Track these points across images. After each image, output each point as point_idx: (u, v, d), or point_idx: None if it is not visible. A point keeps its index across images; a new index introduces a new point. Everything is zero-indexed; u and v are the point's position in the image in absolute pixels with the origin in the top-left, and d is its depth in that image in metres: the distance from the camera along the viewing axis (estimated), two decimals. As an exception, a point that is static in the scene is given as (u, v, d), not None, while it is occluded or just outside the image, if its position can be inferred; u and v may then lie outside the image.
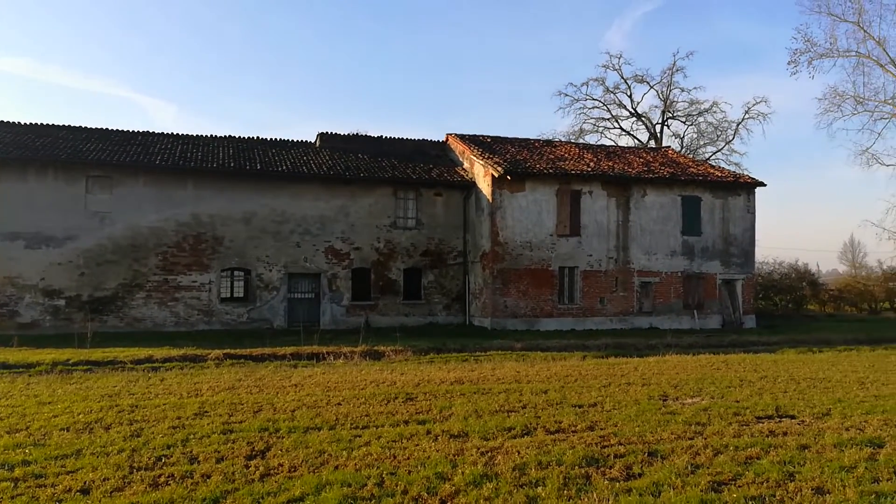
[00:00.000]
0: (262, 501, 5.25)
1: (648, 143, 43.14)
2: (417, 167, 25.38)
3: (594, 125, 44.26)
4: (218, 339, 18.58)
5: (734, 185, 26.04)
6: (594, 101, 44.20)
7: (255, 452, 6.67)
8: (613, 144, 38.98)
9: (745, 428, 7.84)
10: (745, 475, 5.91)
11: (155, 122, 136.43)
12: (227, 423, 7.96)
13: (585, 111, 44.16)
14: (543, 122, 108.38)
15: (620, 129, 44.79)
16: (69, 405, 9.00)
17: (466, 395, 9.99)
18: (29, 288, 20.34)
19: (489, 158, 23.86)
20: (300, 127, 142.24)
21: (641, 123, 44.69)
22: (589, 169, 24.59)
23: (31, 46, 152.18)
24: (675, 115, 44.00)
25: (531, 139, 29.30)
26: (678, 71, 43.69)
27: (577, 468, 6.08)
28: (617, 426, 7.84)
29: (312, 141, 27.26)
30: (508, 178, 22.75)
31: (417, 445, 6.92)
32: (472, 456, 6.47)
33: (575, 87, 55.60)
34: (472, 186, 24.62)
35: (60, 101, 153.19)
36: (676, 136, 44.21)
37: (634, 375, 12.28)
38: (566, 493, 5.43)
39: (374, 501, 5.26)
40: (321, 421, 8.07)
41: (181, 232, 21.79)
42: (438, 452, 6.61)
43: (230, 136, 26.23)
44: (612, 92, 43.79)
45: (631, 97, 44.44)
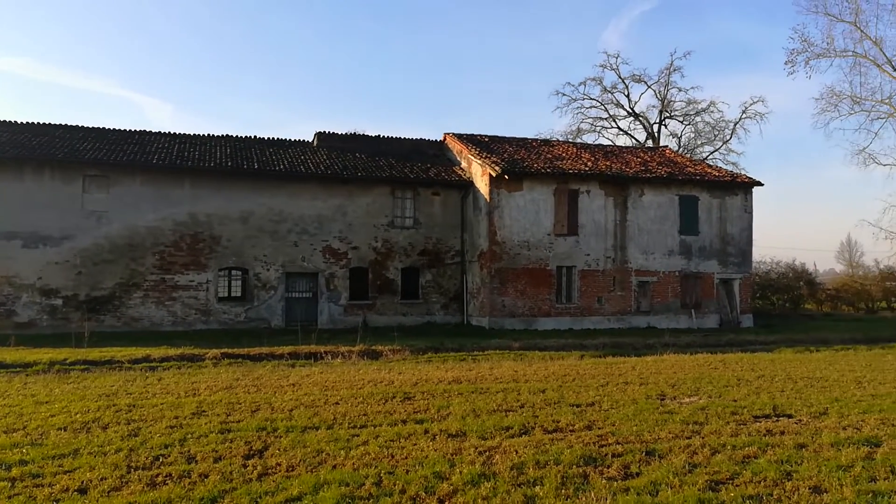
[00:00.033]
0: (259, 501, 5.25)
1: (646, 142, 43.18)
2: (415, 166, 25.38)
3: (592, 125, 44.37)
4: (215, 338, 18.56)
5: (731, 184, 26.09)
6: (592, 100, 44.30)
7: (252, 452, 6.67)
8: (611, 144, 39.01)
9: (742, 427, 7.86)
10: (742, 474, 5.93)
11: (152, 121, 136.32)
12: (224, 422, 7.96)
13: (583, 111, 44.26)
14: (541, 121, 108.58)
15: (618, 128, 44.91)
16: (66, 405, 8.99)
17: (464, 394, 10.00)
18: (26, 287, 20.30)
19: (487, 158, 23.86)
20: (300, 127, 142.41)
21: (639, 123, 44.78)
22: (587, 168, 24.61)
23: (28, 45, 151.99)
24: (672, 114, 44.08)
25: (529, 139, 29.33)
26: (675, 71, 43.79)
27: (574, 467, 6.09)
28: (615, 425, 7.85)
29: (310, 140, 27.25)
30: (506, 177, 22.76)
31: (415, 445, 6.92)
32: (469, 455, 6.48)
33: (572, 86, 55.87)
34: (469, 186, 24.63)
35: (57, 100, 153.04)
36: (674, 135, 44.30)
37: (632, 375, 12.30)
38: (564, 492, 5.44)
39: (371, 501, 5.26)
40: (319, 420, 8.07)
41: (178, 231, 21.76)
42: (436, 452, 6.61)
43: (227, 135, 26.21)
44: (609, 91, 43.89)
45: (628, 97, 44.66)
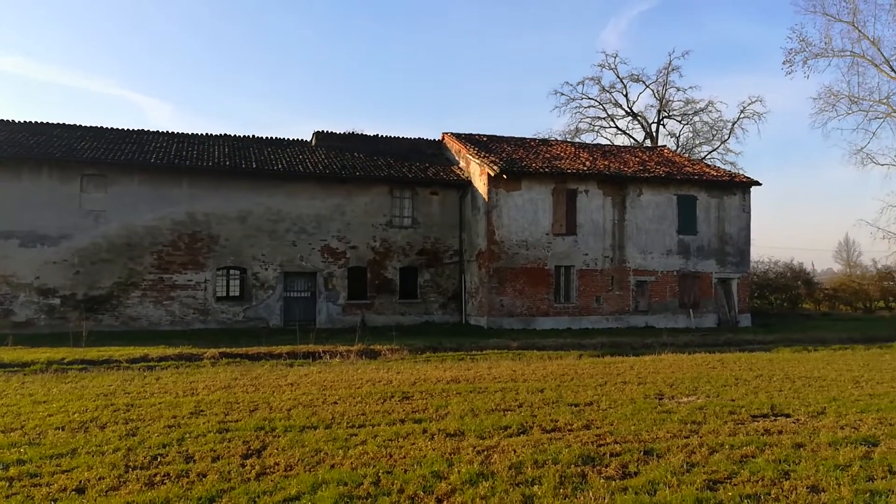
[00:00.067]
0: (257, 500, 5.25)
1: (644, 142, 43.21)
2: (413, 166, 25.37)
3: (590, 124, 44.40)
4: (214, 337, 18.55)
5: (729, 184, 26.11)
6: (590, 100, 44.35)
7: (251, 451, 6.67)
8: (609, 143, 39.04)
9: (740, 426, 7.87)
10: (740, 474, 5.94)
11: (151, 121, 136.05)
12: (222, 422, 7.95)
13: (581, 110, 44.29)
14: (539, 121, 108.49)
15: (616, 128, 44.92)
16: (64, 404, 8.98)
17: (463, 393, 10.00)
18: (24, 287, 20.26)
19: (485, 157, 23.86)
20: (299, 126, 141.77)
21: (637, 123, 44.83)
22: (585, 168, 24.62)
23: (25, 44, 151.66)
24: (670, 114, 44.12)
25: (527, 138, 29.33)
26: (674, 70, 43.87)
27: (573, 467, 6.09)
28: (613, 425, 7.86)
29: (308, 140, 27.23)
30: (504, 176, 22.76)
31: (414, 444, 6.92)
32: (468, 455, 6.48)
33: (571, 86, 55.84)
34: (468, 185, 24.63)
35: (55, 99, 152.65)
36: (672, 135, 44.36)
37: (630, 374, 12.31)
38: (562, 491, 5.44)
39: (370, 500, 5.26)
40: (317, 420, 8.07)
41: (176, 230, 21.73)
42: (435, 451, 6.61)
43: (225, 134, 26.21)
44: (607, 91, 43.93)
45: (627, 96, 44.78)
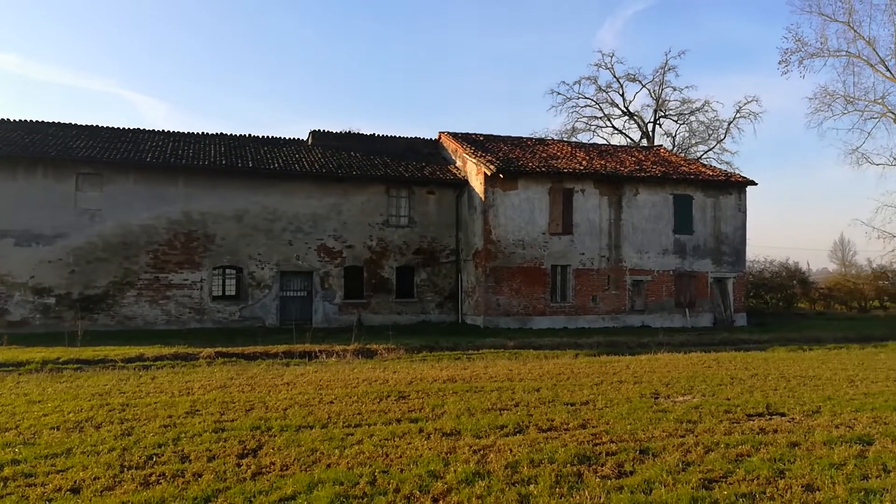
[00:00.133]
0: (253, 500, 5.24)
1: (640, 141, 43.28)
2: (410, 165, 25.36)
3: (586, 124, 44.46)
4: (210, 337, 18.51)
5: (725, 183, 26.17)
6: (587, 99, 44.40)
7: (246, 451, 6.65)
8: (606, 143, 39.08)
9: (735, 426, 7.88)
10: (735, 472, 5.95)
11: (146, 120, 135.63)
12: (218, 421, 7.93)
13: (578, 110, 44.34)
14: (536, 120, 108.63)
15: (613, 127, 44.98)
16: (59, 404, 8.95)
17: (459, 393, 10.00)
18: (18, 286, 20.19)
19: (482, 157, 23.86)
20: (299, 126, 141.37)
21: (633, 122, 44.89)
22: (581, 167, 24.65)
23: (20, 42, 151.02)
24: (666, 113, 44.19)
25: (524, 137, 29.35)
26: (670, 70, 44.05)
27: (569, 466, 6.10)
28: (609, 424, 7.87)
29: (305, 139, 27.19)
30: (501, 176, 22.77)
31: (410, 444, 6.92)
32: (464, 454, 6.48)
33: (567, 85, 56.03)
34: (464, 185, 24.63)
35: (54, 99, 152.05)
36: (668, 134, 44.46)
37: (626, 374, 12.33)
38: (558, 490, 5.45)
39: (366, 500, 5.25)
40: (313, 419, 8.06)
41: (172, 230, 21.69)
42: (431, 451, 6.61)
43: (222, 133, 26.16)
44: (604, 91, 44.01)
45: (623, 96, 44.63)
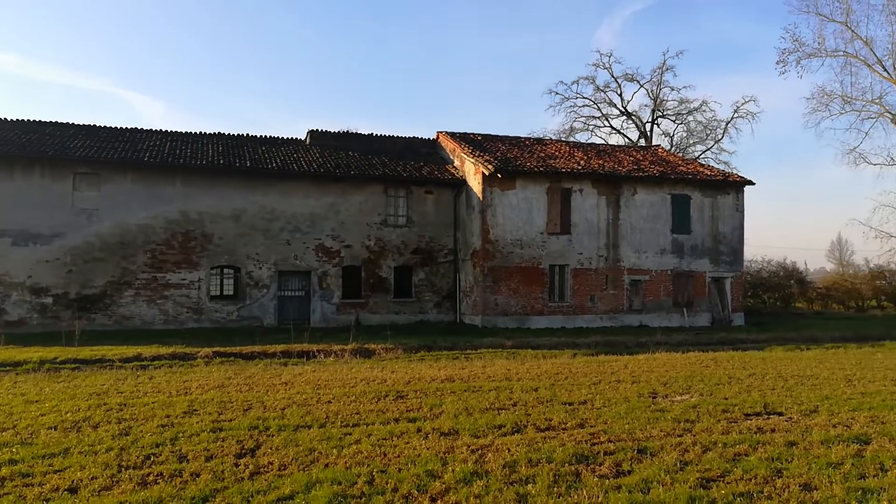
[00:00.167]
0: (251, 500, 5.24)
1: (638, 141, 43.31)
2: (408, 165, 25.35)
3: (584, 123, 44.47)
4: (207, 337, 18.49)
5: (723, 183, 26.20)
6: (585, 99, 44.39)
7: (244, 451, 6.65)
8: (604, 143, 39.11)
9: (733, 425, 7.89)
10: (733, 472, 5.96)
11: (143, 119, 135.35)
12: (216, 421, 7.93)
13: (576, 109, 44.34)
14: (534, 120, 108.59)
15: (611, 127, 44.99)
16: (57, 404, 8.94)
17: (457, 392, 10.00)
18: (16, 286, 20.15)
19: (480, 156, 23.86)
20: (298, 126, 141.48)
21: (631, 122, 44.91)
22: (579, 167, 24.66)
23: (19, 42, 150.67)
24: (664, 113, 44.21)
25: (522, 137, 29.35)
26: (668, 70, 43.99)
27: (567, 465, 6.10)
28: (607, 423, 7.87)
29: (303, 138, 27.17)
30: (499, 175, 22.77)
31: (408, 443, 6.92)
32: (462, 454, 6.48)
33: (565, 85, 56.04)
34: (462, 184, 24.63)
35: (50, 98, 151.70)
36: (666, 134, 44.48)
37: (624, 373, 12.34)
38: (556, 490, 5.45)
39: (364, 499, 5.25)
40: (311, 419, 8.05)
41: (170, 229, 21.66)
42: (429, 450, 6.61)
43: (219, 132, 26.12)
44: (602, 90, 43.99)
45: (621, 96, 44.69)
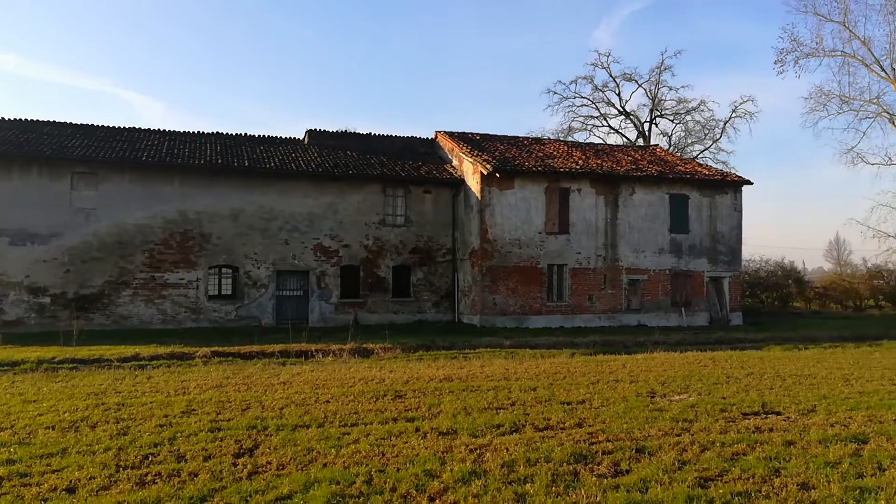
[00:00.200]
0: (249, 499, 5.23)
1: (637, 141, 43.35)
2: (406, 164, 25.35)
3: (583, 123, 44.51)
4: (206, 336, 18.48)
5: (721, 183, 26.22)
6: (583, 99, 44.43)
7: (242, 450, 6.65)
8: (602, 142, 39.14)
9: (731, 424, 7.91)
10: (731, 471, 5.97)
11: (142, 119, 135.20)
12: (214, 421, 7.92)
13: (574, 109, 44.39)
14: (533, 120, 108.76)
15: (609, 127, 45.05)
16: (55, 403, 8.93)
17: (455, 392, 10.00)
18: (13, 285, 20.12)
19: (478, 156, 23.86)
20: (298, 126, 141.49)
21: (630, 122, 44.98)
22: (578, 167, 24.67)
23: (19, 42, 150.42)
24: (663, 113, 44.27)
25: (520, 137, 29.35)
26: (666, 69, 44.08)
27: (565, 465, 6.10)
28: (605, 423, 7.88)
29: (301, 138, 27.14)
30: (497, 175, 22.77)
31: (406, 443, 6.92)
32: (460, 453, 6.48)
33: (564, 84, 56.03)
34: (460, 184, 24.63)
35: (49, 97, 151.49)
36: (664, 134, 44.54)
37: (622, 373, 12.35)
38: (554, 489, 5.45)
39: (362, 499, 5.25)
40: (309, 419, 8.05)
41: (168, 229, 21.63)
42: (427, 450, 6.61)
43: (218, 132, 26.08)
44: (600, 90, 44.05)
45: (619, 95, 44.70)
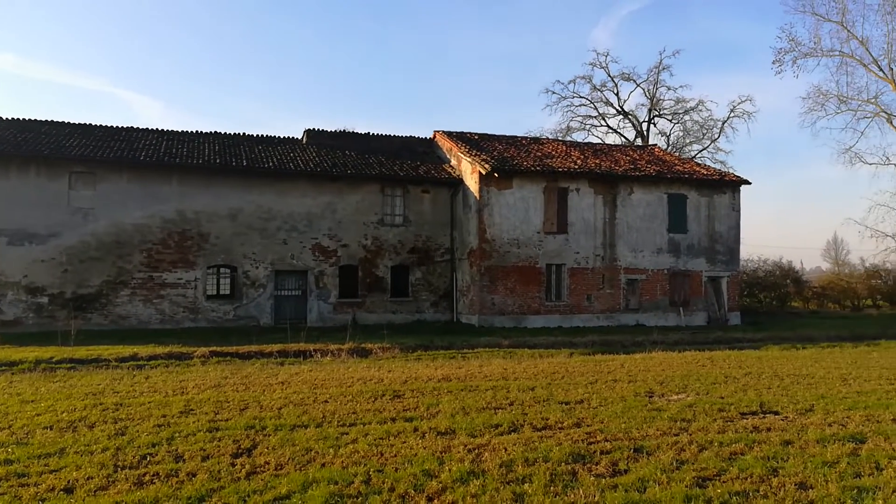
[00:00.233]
0: (248, 499, 5.23)
1: (635, 141, 43.37)
2: (405, 164, 25.34)
3: (581, 123, 44.53)
4: (204, 336, 18.46)
5: (719, 183, 26.24)
6: (581, 98, 44.46)
7: (241, 450, 6.64)
8: (600, 142, 39.14)
9: (729, 424, 7.91)
10: (729, 471, 5.97)
11: (140, 118, 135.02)
12: (212, 421, 7.92)
13: (573, 109, 44.42)
14: (532, 120, 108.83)
15: (607, 126, 45.08)
16: (52, 403, 8.92)
17: (454, 392, 10.00)
18: (11, 285, 20.09)
19: (476, 156, 23.86)
20: (298, 126, 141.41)
21: (628, 121, 44.99)
22: (576, 166, 24.67)
23: (17, 42, 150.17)
24: (661, 113, 44.30)
25: (518, 136, 29.35)
26: (664, 69, 44.14)
27: (563, 465, 6.11)
28: (603, 423, 7.88)
29: (299, 138, 27.12)
30: (496, 175, 22.77)
31: (404, 443, 6.92)
32: (459, 453, 6.49)
33: (562, 84, 56.13)
34: (459, 184, 24.62)
35: (48, 97, 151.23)
36: (663, 134, 44.56)
37: (621, 372, 12.36)
38: (553, 489, 5.46)
39: (361, 499, 5.25)
40: (308, 419, 8.05)
41: (166, 228, 21.61)
42: (426, 450, 6.61)
43: (216, 132, 26.02)
44: (599, 90, 44.08)
45: (618, 95, 44.75)
